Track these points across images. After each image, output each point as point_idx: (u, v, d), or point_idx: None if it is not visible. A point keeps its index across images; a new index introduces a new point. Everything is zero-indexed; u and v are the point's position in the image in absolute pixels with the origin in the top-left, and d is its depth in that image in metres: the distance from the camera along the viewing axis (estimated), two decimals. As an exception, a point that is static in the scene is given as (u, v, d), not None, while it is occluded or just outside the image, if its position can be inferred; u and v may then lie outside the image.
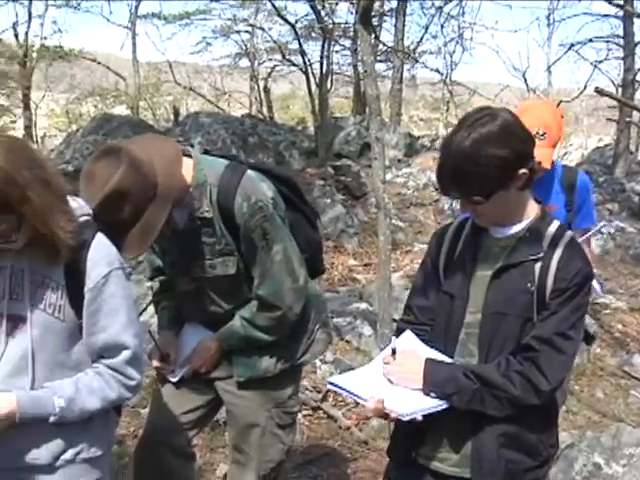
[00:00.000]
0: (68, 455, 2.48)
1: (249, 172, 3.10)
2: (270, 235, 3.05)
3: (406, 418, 2.42)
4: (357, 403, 5.58)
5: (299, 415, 5.17)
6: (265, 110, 20.63)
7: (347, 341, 6.92)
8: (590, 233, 3.86)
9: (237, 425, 3.41)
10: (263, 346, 3.25)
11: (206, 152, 3.25)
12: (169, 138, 3.27)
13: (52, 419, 2.39)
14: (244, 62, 24.11)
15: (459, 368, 2.49)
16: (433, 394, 2.47)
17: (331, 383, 2.60)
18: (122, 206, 2.73)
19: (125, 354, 2.46)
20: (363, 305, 7.72)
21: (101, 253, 2.41)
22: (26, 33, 19.87)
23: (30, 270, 2.39)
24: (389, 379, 2.54)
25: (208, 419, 3.66)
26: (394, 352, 2.56)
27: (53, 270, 2.39)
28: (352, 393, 2.54)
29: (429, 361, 2.52)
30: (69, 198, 2.42)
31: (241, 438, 3.41)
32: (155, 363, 3.35)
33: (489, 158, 2.35)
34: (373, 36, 5.33)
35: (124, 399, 2.56)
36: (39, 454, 2.44)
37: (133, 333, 2.47)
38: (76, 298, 2.39)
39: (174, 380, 3.37)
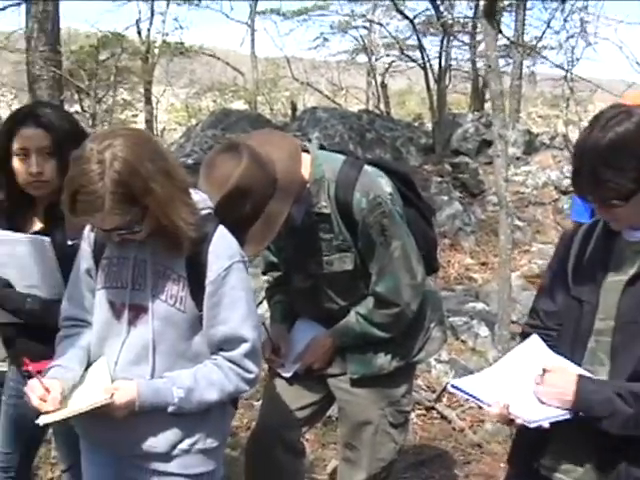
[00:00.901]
0: (185, 445, 2.50)
1: (367, 167, 3.07)
2: (389, 231, 3.01)
3: (533, 425, 2.32)
4: (472, 405, 5.57)
5: (412, 414, 5.11)
6: (382, 106, 20.54)
7: (463, 341, 6.83)
8: None
9: (349, 423, 3.39)
10: (378, 343, 3.21)
11: (322, 147, 3.23)
12: (287, 134, 3.26)
13: (170, 409, 2.41)
14: (361, 58, 24.11)
15: (613, 387, 2.33)
16: (582, 413, 2.35)
17: (453, 386, 2.53)
18: (243, 203, 2.73)
19: (244, 347, 2.46)
20: (480, 305, 7.60)
21: (222, 246, 2.42)
22: (148, 30, 20.40)
23: (152, 261, 2.42)
24: (540, 399, 2.40)
25: (320, 416, 3.66)
26: (544, 372, 2.43)
27: (175, 262, 2.41)
28: (475, 397, 2.47)
29: (582, 380, 2.36)
30: (191, 191, 2.43)
31: (353, 436, 3.38)
32: (266, 355, 3.34)
33: (628, 159, 2.22)
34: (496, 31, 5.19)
35: (242, 392, 2.57)
36: (157, 442, 2.48)
37: (252, 326, 2.47)
38: (197, 290, 2.41)
39: (287, 375, 3.36)
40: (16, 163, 2.85)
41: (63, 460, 3.27)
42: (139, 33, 20.36)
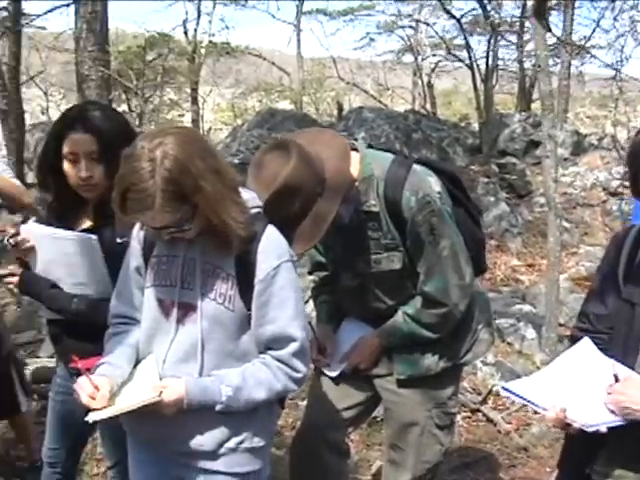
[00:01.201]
0: (232, 443, 2.50)
1: (416, 166, 3.05)
2: (438, 230, 2.98)
3: (590, 429, 2.28)
4: (518, 408, 5.52)
5: (458, 417, 5.07)
6: (428, 106, 20.48)
7: (509, 343, 6.75)
8: None
9: (395, 424, 3.37)
10: (425, 344, 3.18)
11: (370, 146, 3.22)
12: (336, 132, 3.25)
13: (218, 407, 2.41)
14: (407, 57, 24.07)
15: None
16: None
17: (504, 388, 2.50)
18: (292, 201, 2.72)
19: (292, 346, 2.45)
20: (526, 307, 7.52)
21: (272, 245, 2.42)
22: (195, 30, 20.50)
23: (201, 260, 2.42)
24: (610, 409, 2.35)
25: (365, 416, 3.64)
26: (617, 379, 2.39)
27: (224, 260, 2.41)
28: (528, 400, 2.43)
29: None
30: (241, 190, 2.43)
31: (399, 437, 3.35)
32: (312, 355, 3.33)
33: None
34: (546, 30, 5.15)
35: (289, 391, 2.56)
36: (204, 441, 2.48)
37: (300, 325, 2.47)
38: (246, 289, 2.41)
39: (333, 375, 3.35)
40: (66, 166, 2.87)
41: (109, 457, 3.28)
42: (186, 33, 20.50)
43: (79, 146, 2.83)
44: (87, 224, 2.98)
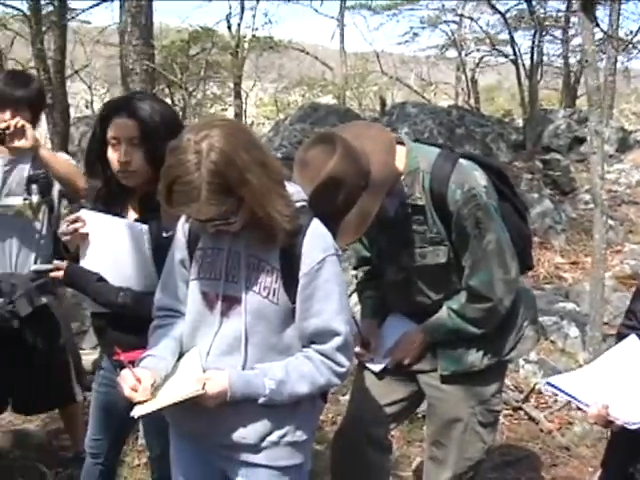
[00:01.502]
0: (274, 437, 2.50)
1: (462, 160, 3.03)
2: (483, 224, 2.96)
3: (634, 427, 2.25)
4: (561, 406, 5.48)
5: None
6: (472, 101, 20.35)
7: (552, 341, 6.70)
8: None
9: (438, 420, 3.35)
10: (470, 339, 3.16)
11: (416, 141, 3.20)
12: (381, 125, 3.23)
13: (261, 400, 2.41)
14: (451, 53, 23.93)
15: None
16: None
17: (548, 383, 2.48)
18: (336, 193, 2.72)
19: (336, 340, 2.44)
20: (570, 305, 7.45)
21: (317, 239, 2.41)
22: (238, 25, 20.54)
23: (246, 253, 2.42)
24: None
25: (408, 412, 3.63)
26: None
27: (269, 254, 2.41)
28: (571, 396, 2.41)
29: None
30: (286, 183, 2.43)
31: (441, 433, 3.34)
32: (356, 349, 3.32)
33: None
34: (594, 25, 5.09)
35: (332, 385, 2.55)
36: (246, 434, 2.48)
37: (344, 320, 2.45)
38: (290, 282, 2.41)
39: (376, 369, 3.34)
40: (109, 151, 2.91)
41: (150, 448, 3.30)
42: (229, 28, 20.55)
43: (121, 130, 2.87)
44: (133, 216, 3.00)
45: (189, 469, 2.68)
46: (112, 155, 2.91)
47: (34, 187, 3.88)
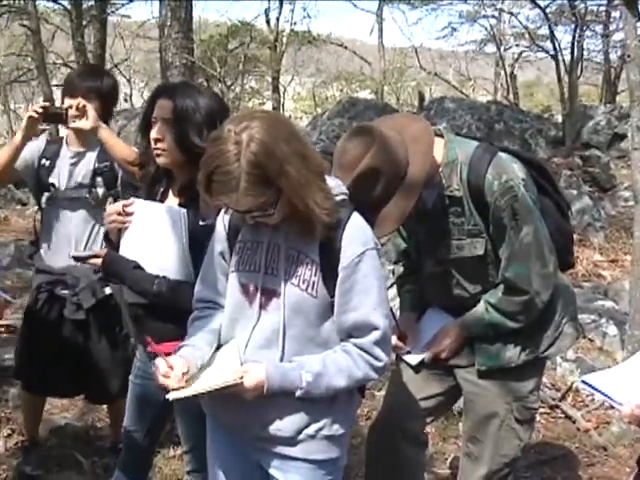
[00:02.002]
0: (311, 430, 2.49)
1: (500, 153, 3.00)
2: (520, 216, 2.93)
3: None
4: (598, 405, 5.42)
5: (535, 412, 5.00)
6: (511, 97, 20.22)
7: (590, 340, 6.63)
8: None
9: (475, 416, 3.32)
10: (507, 334, 3.13)
11: (456, 134, 3.18)
12: (420, 117, 3.22)
13: (299, 393, 2.39)
14: (490, 48, 23.78)
15: None
16: None
17: (583, 381, 2.44)
18: (374, 185, 2.72)
19: (374, 334, 2.42)
20: (608, 303, 7.36)
21: (356, 232, 2.39)
22: (277, 19, 20.61)
23: (286, 246, 2.42)
24: None
25: (445, 408, 3.60)
26: None
27: (308, 247, 2.40)
28: (605, 394, 2.37)
29: None
30: (326, 177, 2.42)
31: (477, 429, 3.31)
32: (393, 341, 3.31)
33: None
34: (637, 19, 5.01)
35: (370, 379, 2.53)
36: (283, 426, 2.47)
37: (383, 314, 2.43)
38: (330, 276, 2.39)
39: (413, 363, 3.32)
40: (151, 131, 2.95)
41: (185, 440, 3.31)
42: (268, 22, 20.62)
43: (160, 110, 2.92)
44: (174, 202, 3.01)
45: (225, 460, 2.67)
46: (151, 133, 2.96)
47: (99, 180, 3.95)
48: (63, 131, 4.22)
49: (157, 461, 4.25)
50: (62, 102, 3.88)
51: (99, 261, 3.04)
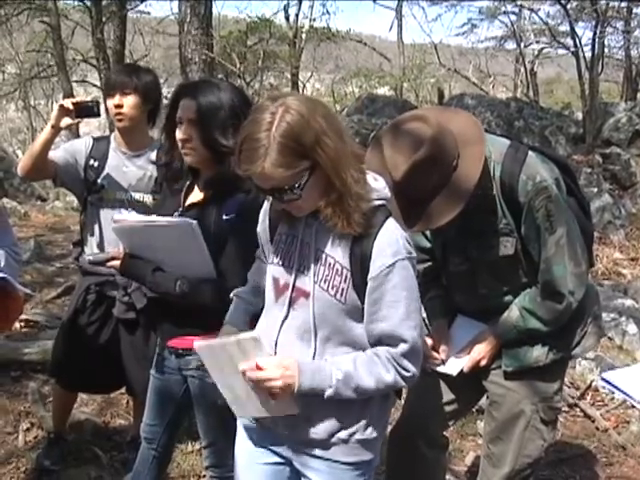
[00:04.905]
0: (343, 435, 2.46)
1: (532, 152, 2.98)
2: (554, 217, 2.90)
3: None
4: (618, 404, 5.39)
5: (555, 411, 4.98)
6: (531, 93, 20.13)
7: (610, 338, 6.60)
8: None
9: (500, 416, 3.28)
10: (538, 336, 3.11)
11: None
12: (466, 112, 3.19)
13: (328, 391, 2.33)
14: (510, 44, 23.71)
15: None
16: None
17: (604, 379, 2.43)
18: (432, 171, 2.71)
19: (402, 347, 2.37)
20: (628, 301, 7.33)
21: (389, 241, 2.33)
22: (296, 15, 20.56)
23: (316, 247, 2.38)
24: None
25: (467, 410, 3.58)
26: None
27: (338, 252, 2.36)
28: (625, 392, 2.36)
29: None
30: (371, 175, 2.38)
31: (502, 430, 3.27)
32: (427, 351, 3.27)
33: None
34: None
35: (398, 386, 2.48)
36: (317, 429, 2.45)
37: (411, 326, 2.37)
38: (360, 283, 2.35)
39: (454, 374, 3.23)
40: (177, 131, 2.96)
41: (204, 435, 3.31)
42: (287, 18, 20.58)
43: (184, 111, 2.93)
44: (198, 197, 3.02)
45: (253, 458, 2.66)
46: (177, 134, 2.96)
47: (148, 183, 3.94)
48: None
49: (175, 456, 4.26)
50: (104, 102, 3.91)
51: (116, 263, 3.05)
